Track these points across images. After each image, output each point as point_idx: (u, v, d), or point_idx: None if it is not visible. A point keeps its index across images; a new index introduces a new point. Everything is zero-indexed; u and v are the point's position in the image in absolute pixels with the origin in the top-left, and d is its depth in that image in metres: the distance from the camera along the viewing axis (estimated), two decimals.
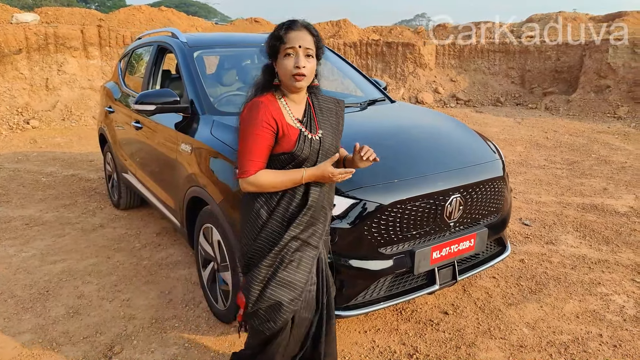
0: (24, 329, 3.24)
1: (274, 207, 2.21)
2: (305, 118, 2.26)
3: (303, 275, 2.22)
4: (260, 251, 2.22)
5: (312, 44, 2.15)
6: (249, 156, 2.15)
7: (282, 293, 2.19)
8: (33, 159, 7.96)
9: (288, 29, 2.12)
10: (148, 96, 3.52)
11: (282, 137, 2.15)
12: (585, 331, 3.27)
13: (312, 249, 2.25)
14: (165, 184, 3.95)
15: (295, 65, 2.10)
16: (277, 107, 2.19)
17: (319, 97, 2.37)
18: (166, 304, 3.54)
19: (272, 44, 2.16)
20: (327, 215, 2.32)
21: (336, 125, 2.36)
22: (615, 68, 13.72)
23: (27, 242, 4.64)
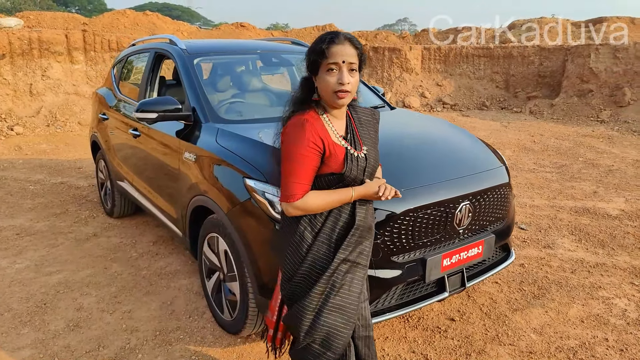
0: (24, 343, 3.15)
1: (319, 228, 2.08)
2: (349, 134, 2.15)
3: (355, 296, 2.11)
4: (308, 277, 2.09)
5: (356, 58, 2.02)
6: (294, 179, 2.02)
7: (336, 318, 2.06)
8: (19, 167, 7.81)
9: (330, 43, 1.98)
10: (149, 104, 3.46)
11: (328, 157, 2.03)
12: (592, 336, 3.28)
13: (361, 269, 2.14)
14: (166, 193, 3.89)
15: (339, 81, 1.98)
16: (322, 124, 2.06)
17: (357, 109, 2.27)
18: (169, 315, 3.48)
19: (314, 59, 2.02)
20: (373, 232, 2.21)
21: (375, 138, 2.26)
22: (597, 72, 13.94)
23: (20, 252, 4.53)
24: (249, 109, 4.04)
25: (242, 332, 3.10)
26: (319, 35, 2.04)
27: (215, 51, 4.42)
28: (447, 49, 17.01)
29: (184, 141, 3.46)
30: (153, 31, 18.23)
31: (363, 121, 2.25)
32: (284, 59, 4.72)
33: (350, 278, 2.10)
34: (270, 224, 2.67)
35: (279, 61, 4.74)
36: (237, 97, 4.18)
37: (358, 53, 2.03)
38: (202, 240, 3.36)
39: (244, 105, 4.10)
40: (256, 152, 2.96)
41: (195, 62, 3.90)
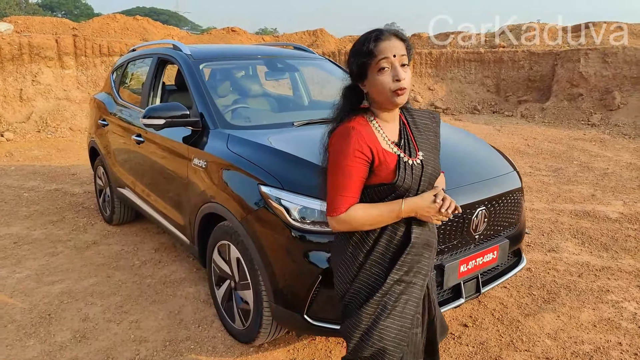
0: (30, 356, 3.06)
1: (371, 246, 1.93)
2: (402, 140, 1.95)
3: (408, 320, 1.96)
4: (359, 294, 1.96)
5: (405, 51, 1.84)
6: (339, 191, 1.87)
7: (384, 341, 1.93)
8: (12, 173, 7.68)
9: (377, 40, 1.81)
10: (157, 110, 3.40)
11: (378, 166, 1.86)
12: (605, 340, 3.27)
13: (417, 290, 1.98)
14: (173, 200, 3.82)
15: (395, 78, 1.80)
16: (371, 131, 1.88)
17: (412, 112, 2.06)
18: (177, 325, 3.41)
19: (361, 62, 1.83)
20: (433, 251, 2.04)
21: (435, 144, 2.05)
22: (587, 77, 14.05)
23: (19, 262, 4.43)
24: (257, 115, 4.00)
25: (255, 342, 3.05)
26: (360, 37, 1.88)
27: (220, 56, 4.37)
28: (439, 53, 17.09)
29: (193, 147, 3.41)
30: (143, 36, 18.11)
31: (420, 125, 2.04)
32: (289, 64, 4.69)
33: (405, 300, 1.95)
34: (286, 230, 2.63)
35: (284, 66, 4.71)
36: (243, 102, 4.14)
37: (406, 46, 1.86)
38: (211, 248, 3.30)
39: (252, 110, 4.06)
40: (270, 158, 2.92)
41: (201, 68, 3.86)
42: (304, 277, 2.60)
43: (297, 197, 2.63)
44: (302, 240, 2.59)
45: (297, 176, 2.76)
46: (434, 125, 2.09)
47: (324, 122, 3.70)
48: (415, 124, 2.02)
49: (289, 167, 2.84)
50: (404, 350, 1.99)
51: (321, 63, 4.86)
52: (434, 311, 2.18)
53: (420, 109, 2.16)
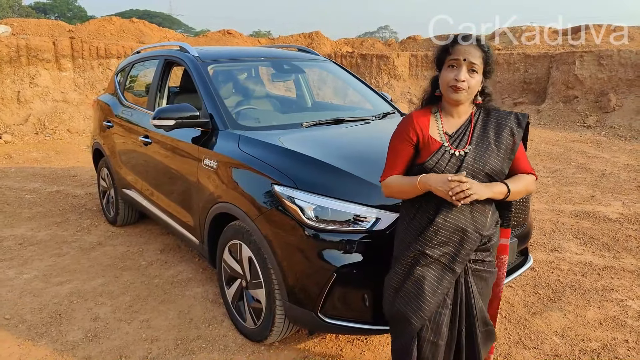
0: (42, 355, 3.07)
1: (410, 219, 2.20)
2: (458, 133, 2.17)
3: (430, 291, 2.13)
4: (397, 257, 2.25)
5: (480, 60, 2.08)
6: (387, 163, 2.25)
7: (405, 305, 2.17)
8: (12, 175, 7.66)
9: (455, 42, 2.10)
10: (167, 111, 3.42)
11: (422, 148, 2.16)
12: (612, 337, 3.31)
13: (442, 269, 2.15)
14: (182, 200, 3.84)
15: (455, 77, 2.06)
16: (427, 120, 2.20)
17: (493, 112, 2.24)
18: (188, 324, 3.43)
19: (439, 56, 2.15)
20: (467, 239, 2.13)
21: (493, 144, 2.16)
22: (582, 79, 14.14)
23: (26, 262, 4.43)
24: (266, 116, 4.03)
25: (267, 340, 3.07)
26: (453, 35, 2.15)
27: (227, 58, 4.40)
28: None
29: (204, 148, 3.43)
30: (140, 38, 18.09)
31: (491, 124, 2.20)
32: (295, 66, 4.73)
33: (426, 272, 2.15)
34: (300, 229, 2.66)
35: (290, 68, 4.74)
36: (251, 103, 4.17)
37: (484, 56, 2.10)
38: (222, 248, 3.32)
39: (259, 112, 4.09)
40: (284, 158, 2.95)
41: (209, 69, 3.88)
42: (318, 275, 2.62)
43: (311, 196, 2.66)
44: (316, 239, 2.62)
45: (311, 176, 2.79)
46: (513, 125, 2.20)
47: (331, 123, 3.77)
48: (484, 123, 2.21)
49: (302, 167, 2.87)
50: (424, 322, 2.16)
51: (325, 65, 4.90)
52: (474, 310, 2.22)
53: (511, 111, 2.29)
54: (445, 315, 2.18)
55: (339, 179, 2.76)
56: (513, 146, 2.18)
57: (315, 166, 2.85)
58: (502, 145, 2.17)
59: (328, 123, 3.77)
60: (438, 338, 2.18)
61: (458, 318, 2.21)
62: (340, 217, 2.61)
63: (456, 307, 2.20)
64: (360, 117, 4.04)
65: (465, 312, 2.22)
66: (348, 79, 4.80)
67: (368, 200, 2.64)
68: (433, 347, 2.19)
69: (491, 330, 2.34)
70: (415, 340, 2.19)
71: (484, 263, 2.25)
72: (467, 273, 2.21)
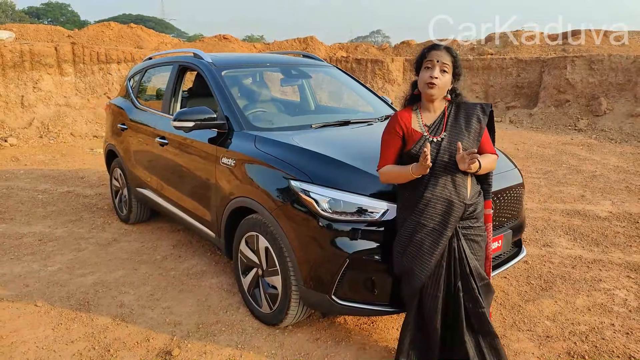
0: (75, 337, 3.34)
1: (406, 197, 2.72)
2: (434, 124, 2.71)
3: (428, 253, 2.63)
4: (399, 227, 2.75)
5: (449, 61, 2.63)
6: (382, 155, 2.77)
7: (413, 264, 2.65)
8: (22, 177, 7.90)
9: (431, 49, 2.64)
10: (186, 114, 3.69)
11: (407, 138, 2.69)
12: (599, 322, 3.59)
13: (437, 235, 2.63)
14: (199, 197, 4.09)
15: (430, 75, 2.59)
16: (409, 116, 2.74)
17: (462, 105, 2.78)
18: (206, 310, 3.69)
19: (417, 60, 2.69)
20: (453, 208, 2.63)
21: (463, 128, 2.70)
22: (573, 83, 14.50)
23: (48, 257, 4.69)
24: (277, 118, 4.31)
25: (283, 323, 3.34)
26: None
27: (240, 64, 4.67)
28: None
29: (222, 147, 3.69)
30: (137, 43, 18.33)
31: (461, 116, 2.74)
32: (303, 71, 5.01)
33: (419, 239, 2.65)
34: (315, 220, 2.93)
35: (298, 73, 5.02)
36: (261, 106, 4.44)
37: (452, 60, 2.65)
38: (238, 240, 3.59)
39: (270, 114, 4.36)
40: (298, 155, 3.23)
41: (224, 74, 4.15)
42: (332, 261, 2.90)
43: (325, 189, 2.94)
44: (330, 228, 2.89)
45: (324, 171, 3.07)
46: (479, 113, 2.76)
47: (338, 124, 4.05)
48: (455, 114, 2.76)
49: (316, 163, 3.14)
50: (426, 277, 2.67)
51: (329, 70, 5.18)
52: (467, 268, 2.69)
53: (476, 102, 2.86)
54: (442, 273, 2.68)
55: (350, 174, 3.04)
56: (480, 130, 2.74)
57: (328, 163, 3.12)
58: (472, 130, 2.72)
59: (335, 125, 4.05)
60: (437, 290, 2.68)
61: (453, 275, 2.69)
62: (352, 209, 2.88)
63: (450, 266, 2.69)
64: (364, 119, 4.32)
65: (459, 270, 2.69)
66: (350, 83, 5.08)
67: (377, 193, 2.92)
68: (433, 298, 2.69)
69: (488, 284, 2.82)
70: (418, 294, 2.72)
71: (472, 228, 2.75)
72: (459, 238, 2.69)
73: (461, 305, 2.69)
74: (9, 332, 3.41)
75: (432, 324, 2.72)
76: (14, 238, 5.19)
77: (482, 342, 2.73)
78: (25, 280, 4.19)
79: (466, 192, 2.68)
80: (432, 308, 2.70)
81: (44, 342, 3.28)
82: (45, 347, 3.23)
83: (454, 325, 2.73)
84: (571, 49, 16.81)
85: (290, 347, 3.23)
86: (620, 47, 16.51)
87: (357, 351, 3.21)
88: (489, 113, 2.79)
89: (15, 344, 3.27)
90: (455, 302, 2.70)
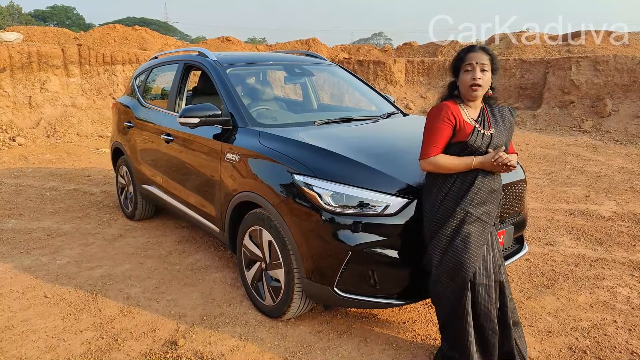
0: (84, 327, 3.41)
1: (448, 188, 2.74)
2: (480, 118, 2.80)
3: (476, 244, 2.70)
4: (440, 224, 2.74)
5: (487, 61, 2.72)
6: (432, 143, 2.74)
7: (457, 258, 2.69)
8: (30, 175, 7.99)
9: (467, 52, 2.74)
10: (192, 110, 3.75)
11: (459, 130, 2.72)
12: (601, 318, 3.62)
13: (483, 226, 2.74)
14: (203, 192, 4.14)
15: (472, 77, 2.69)
16: (458, 108, 2.77)
17: (494, 107, 2.91)
18: (210, 303, 3.74)
19: (455, 64, 2.79)
20: (497, 198, 2.82)
21: (502, 127, 2.83)
22: (578, 84, 14.47)
23: (57, 251, 4.76)
24: (280, 115, 4.36)
25: (285, 315, 3.38)
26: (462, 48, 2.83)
27: (244, 62, 4.73)
28: (430, 62, 17.56)
29: (226, 143, 3.74)
30: (142, 45, 18.43)
31: (496, 113, 2.87)
32: (306, 69, 5.06)
33: (472, 229, 2.71)
34: (318, 214, 2.97)
35: (301, 71, 5.07)
36: (265, 104, 4.49)
37: (490, 58, 2.74)
38: (242, 234, 3.63)
39: (273, 111, 4.41)
40: (301, 150, 3.28)
41: (228, 72, 4.20)
42: (335, 254, 2.94)
43: (328, 183, 2.98)
44: (332, 222, 2.93)
45: (327, 166, 3.11)
46: (509, 115, 2.92)
47: (341, 121, 4.10)
48: (492, 113, 2.88)
49: (319, 158, 3.19)
50: (474, 269, 2.71)
51: (332, 68, 5.22)
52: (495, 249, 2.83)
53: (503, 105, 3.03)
54: (491, 261, 2.76)
55: (353, 169, 3.08)
56: (510, 128, 2.88)
57: (331, 157, 3.17)
58: (507, 128, 2.86)
59: (338, 121, 4.10)
60: (490, 279, 2.75)
61: (497, 261, 2.80)
62: (354, 202, 2.92)
63: (494, 253, 2.80)
64: (368, 117, 4.36)
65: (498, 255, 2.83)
66: (353, 82, 5.13)
67: (379, 187, 2.96)
68: (487, 288, 2.74)
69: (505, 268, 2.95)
70: (469, 288, 2.71)
71: (497, 218, 2.89)
72: (494, 225, 2.84)
73: (505, 293, 2.83)
74: (20, 321, 3.49)
75: (489, 317, 2.76)
76: (23, 233, 5.27)
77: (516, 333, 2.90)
78: (35, 273, 4.27)
79: (500, 183, 2.88)
80: (488, 300, 2.75)
81: (54, 332, 3.36)
82: (55, 336, 3.31)
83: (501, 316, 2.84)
84: (576, 50, 16.78)
85: (293, 339, 3.27)
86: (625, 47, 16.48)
87: (358, 343, 3.24)
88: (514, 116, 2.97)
89: (25, 332, 3.35)
90: (501, 291, 2.82)
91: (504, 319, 2.83)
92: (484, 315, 2.75)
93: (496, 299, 2.79)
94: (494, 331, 2.78)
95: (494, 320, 2.77)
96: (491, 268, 2.75)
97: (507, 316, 2.83)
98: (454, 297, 2.74)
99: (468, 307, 2.72)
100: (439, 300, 2.84)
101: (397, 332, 3.38)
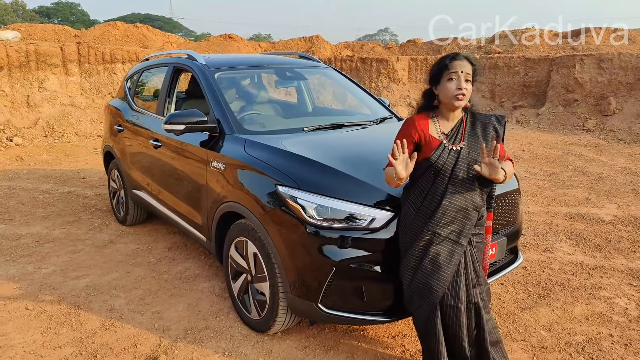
0: (63, 342, 3.31)
1: (419, 206, 2.64)
2: (453, 132, 2.67)
3: (446, 264, 2.59)
4: (409, 243, 2.65)
5: (471, 71, 2.58)
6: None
7: (426, 279, 2.59)
8: (25, 177, 7.92)
9: (452, 59, 2.58)
10: (177, 116, 3.65)
11: (424, 145, 2.62)
12: (597, 332, 3.51)
13: (452, 244, 2.61)
14: (190, 200, 4.06)
15: (457, 87, 2.55)
16: (426, 122, 2.67)
17: (477, 115, 2.76)
18: (196, 316, 3.65)
19: (437, 71, 2.63)
20: (468, 217, 2.64)
21: (480, 139, 2.66)
22: (582, 82, 14.30)
23: (43, 258, 4.68)
24: (269, 121, 4.25)
25: (271, 330, 3.28)
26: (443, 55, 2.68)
27: (233, 66, 4.62)
28: (434, 60, 17.37)
29: (212, 151, 3.65)
30: (143, 43, 18.39)
31: (477, 125, 2.72)
32: (298, 72, 4.95)
33: (440, 249, 2.60)
34: (302, 227, 2.87)
35: (293, 75, 4.96)
36: (255, 109, 4.39)
37: (473, 68, 2.60)
38: (228, 245, 3.54)
39: (263, 117, 4.31)
40: (286, 160, 3.17)
41: (216, 76, 4.10)
42: (319, 269, 2.84)
43: (313, 196, 2.88)
44: (316, 235, 2.83)
45: (312, 177, 3.01)
46: (495, 123, 2.73)
47: (331, 127, 3.99)
48: (472, 123, 2.72)
49: (304, 168, 3.09)
50: (444, 290, 2.61)
51: (326, 71, 5.12)
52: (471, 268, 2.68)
53: (490, 113, 2.85)
54: (461, 282, 2.63)
55: (338, 180, 2.98)
56: (497, 139, 2.68)
57: (316, 168, 3.07)
58: (489, 139, 2.68)
59: (328, 128, 4.00)
60: (458, 302, 2.62)
61: (470, 282, 2.66)
62: (339, 216, 2.82)
63: (467, 273, 2.66)
64: (359, 122, 4.26)
65: (472, 280, 2.67)
66: (347, 85, 5.02)
67: (365, 200, 2.86)
68: (455, 310, 2.62)
69: (488, 289, 2.89)
70: (438, 309, 2.62)
71: (480, 236, 2.76)
72: (470, 244, 2.68)
73: (481, 314, 2.68)
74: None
75: (457, 340, 2.65)
76: (12, 239, 5.19)
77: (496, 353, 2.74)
78: (19, 283, 4.18)
79: (479, 200, 2.68)
80: (456, 323, 2.63)
81: (32, 347, 3.26)
82: (32, 351, 3.21)
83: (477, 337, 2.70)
84: (580, 48, 16.61)
85: (278, 355, 3.18)
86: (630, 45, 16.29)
87: (345, 359, 3.15)
88: (504, 123, 2.78)
89: (3, 348, 3.25)
90: (476, 312, 2.68)
91: (479, 342, 2.70)
92: (452, 337, 2.66)
93: (470, 321, 2.67)
94: (464, 355, 2.67)
95: (464, 345, 2.65)
96: (461, 289, 2.63)
97: (483, 339, 2.68)
98: (424, 317, 2.67)
99: (439, 327, 2.64)
100: (414, 319, 2.77)
101: (386, 348, 3.29)
